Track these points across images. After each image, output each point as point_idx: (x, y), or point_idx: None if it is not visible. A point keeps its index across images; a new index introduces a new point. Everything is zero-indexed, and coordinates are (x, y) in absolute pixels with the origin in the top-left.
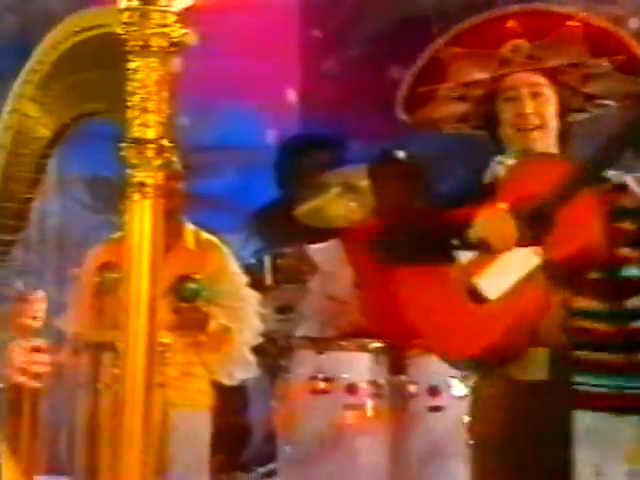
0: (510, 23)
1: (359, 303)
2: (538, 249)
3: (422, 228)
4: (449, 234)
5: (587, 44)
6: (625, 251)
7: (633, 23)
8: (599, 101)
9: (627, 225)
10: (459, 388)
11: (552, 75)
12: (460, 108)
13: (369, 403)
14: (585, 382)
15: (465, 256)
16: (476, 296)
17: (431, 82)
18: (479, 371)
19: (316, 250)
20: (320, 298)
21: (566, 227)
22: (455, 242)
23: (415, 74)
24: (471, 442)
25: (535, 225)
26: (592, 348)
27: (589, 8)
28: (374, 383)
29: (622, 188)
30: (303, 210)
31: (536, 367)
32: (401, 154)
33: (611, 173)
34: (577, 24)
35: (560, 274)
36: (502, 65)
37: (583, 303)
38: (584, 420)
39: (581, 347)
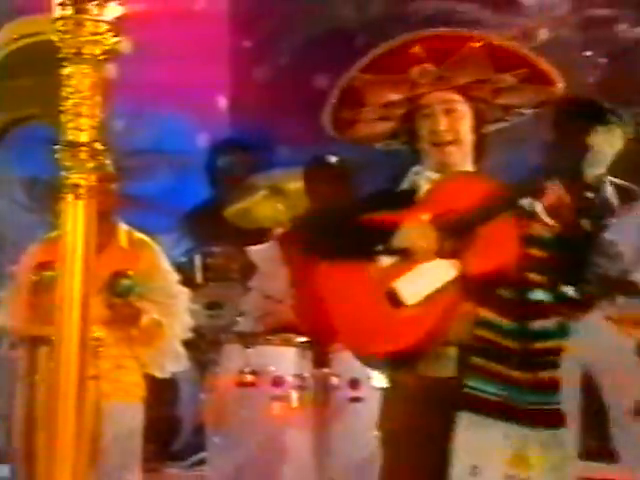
0: (415, 49)
1: (292, 301)
2: (456, 262)
3: (349, 226)
4: (373, 237)
5: (490, 61)
6: (533, 276)
7: (543, 34)
8: (514, 110)
9: (536, 252)
10: (379, 380)
11: (464, 91)
12: (386, 126)
13: (294, 395)
14: (476, 387)
15: (386, 260)
16: (394, 300)
17: (352, 107)
18: (390, 369)
19: (255, 251)
20: (258, 296)
21: (484, 245)
22: (379, 246)
23: (336, 101)
24: (378, 433)
25: (454, 238)
26: (490, 358)
27: (502, 21)
28: (299, 376)
29: (533, 216)
30: (232, 211)
31: (442, 365)
32: (333, 158)
33: (524, 201)
34: (478, 44)
35: (473, 288)
36: (413, 87)
37: (490, 316)
38: (469, 421)
39: (480, 354)
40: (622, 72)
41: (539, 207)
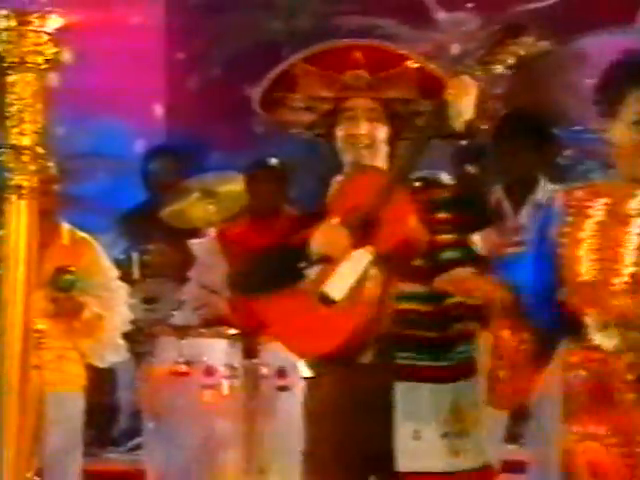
0: (356, 54)
1: (227, 294)
2: (369, 247)
3: (270, 263)
4: (294, 258)
5: (418, 85)
6: (443, 237)
7: (455, 48)
8: (426, 135)
9: (442, 214)
10: (305, 370)
11: (388, 105)
12: (309, 117)
13: (225, 384)
14: (407, 357)
15: (313, 271)
16: (325, 300)
17: (284, 90)
18: (328, 365)
19: (195, 244)
20: (195, 286)
21: (388, 224)
22: (301, 264)
23: (270, 80)
24: (304, 417)
25: (363, 230)
26: (412, 326)
27: (418, 36)
28: (230, 366)
29: (436, 183)
30: (167, 212)
31: (365, 350)
32: (274, 160)
33: (426, 172)
34: (414, 66)
35: (389, 264)
36: (344, 88)
37: (406, 287)
38: (406, 390)
39: (404, 326)
40: (525, 83)
41: (443, 174)
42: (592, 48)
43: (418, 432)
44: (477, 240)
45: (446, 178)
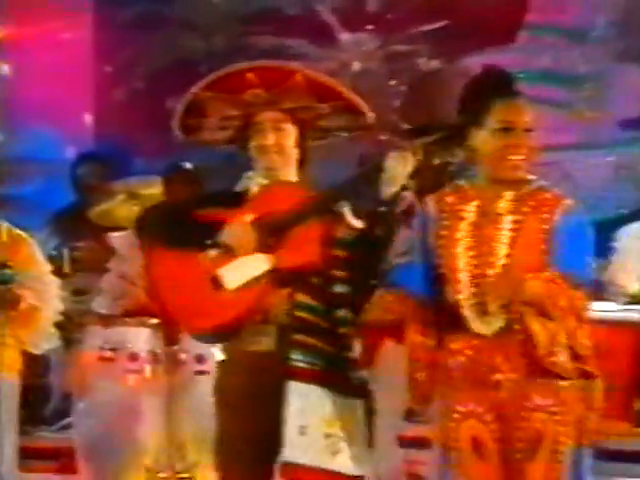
0: (249, 75)
1: (145, 284)
2: (271, 257)
3: (184, 220)
4: (204, 231)
5: (311, 92)
6: (336, 272)
7: (356, 66)
8: (331, 133)
9: (339, 252)
10: (221, 355)
11: (290, 114)
12: (225, 134)
13: (147, 368)
14: (298, 359)
15: (213, 251)
16: (217, 284)
17: (196, 117)
18: (215, 342)
19: (114, 237)
20: (114, 276)
21: (293, 244)
22: (208, 240)
23: (182, 110)
24: (215, 399)
25: (271, 238)
26: (307, 334)
27: (324, 55)
28: (152, 352)
29: (340, 219)
30: (95, 212)
31: (264, 340)
32: (188, 165)
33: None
34: (302, 78)
35: (284, 278)
36: (247, 106)
37: (305, 299)
38: (295, 388)
39: (299, 331)
40: (420, 99)
41: (346, 209)
42: (476, 66)
43: (304, 428)
44: None
45: (355, 223)
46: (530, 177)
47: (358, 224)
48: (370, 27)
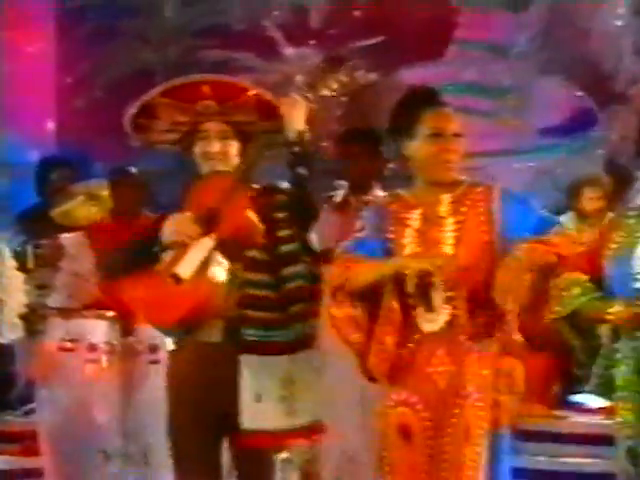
0: (204, 88)
1: (98, 281)
2: (212, 235)
3: (130, 251)
4: (150, 245)
5: (256, 110)
6: (281, 233)
7: (299, 79)
8: (272, 146)
9: (280, 214)
10: (172, 345)
11: (235, 126)
12: (170, 137)
13: (105, 358)
14: (251, 334)
15: (167, 255)
16: (176, 279)
17: (148, 118)
18: (177, 335)
19: (65, 238)
20: (66, 275)
21: (228, 216)
22: (156, 249)
23: (135, 110)
24: (166, 386)
25: (209, 221)
26: (257, 309)
27: (269, 68)
28: (109, 343)
29: (276, 189)
30: (57, 212)
31: (213, 333)
32: (133, 169)
33: (269, 181)
34: (252, 95)
35: (228, 250)
36: (197, 115)
37: (250, 276)
38: (250, 361)
39: (249, 308)
40: (358, 107)
41: (283, 183)
42: (410, 78)
43: (259, 396)
44: (312, 237)
45: (284, 185)
46: (462, 178)
47: (285, 186)
48: (312, 42)
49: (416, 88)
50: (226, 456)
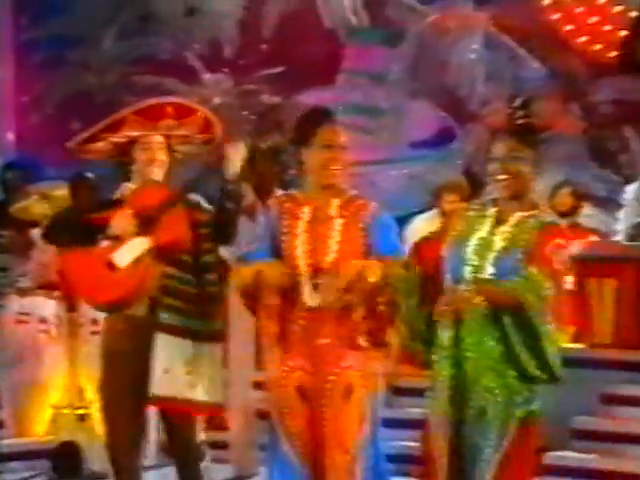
0: (167, 108)
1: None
2: (150, 238)
3: (80, 224)
4: (96, 230)
5: (200, 126)
6: (204, 245)
7: (216, 100)
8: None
9: (204, 231)
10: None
11: (167, 138)
12: (109, 148)
13: (53, 329)
14: (165, 317)
15: (106, 243)
16: (112, 266)
17: (109, 132)
18: (108, 312)
19: (35, 232)
20: (35, 263)
21: (165, 226)
22: (100, 236)
23: (99, 126)
24: (100, 353)
25: (148, 224)
26: (175, 298)
27: (191, 91)
28: (57, 317)
29: (202, 209)
30: (15, 209)
31: (140, 308)
32: (88, 174)
33: (192, 196)
34: (201, 115)
35: (160, 254)
36: (154, 130)
37: (173, 271)
38: (164, 340)
39: (169, 296)
40: (265, 124)
41: (199, 198)
42: (307, 100)
43: (168, 369)
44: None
45: (208, 207)
46: (346, 187)
47: (209, 207)
48: (226, 70)
49: (314, 108)
50: None
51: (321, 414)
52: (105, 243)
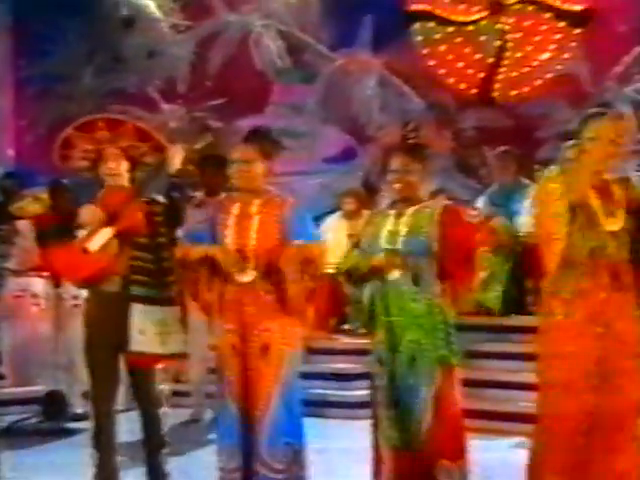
0: (100, 123)
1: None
2: (113, 226)
3: (59, 227)
4: (71, 226)
5: (135, 136)
6: (159, 229)
7: (172, 124)
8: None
9: (158, 218)
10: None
11: (124, 150)
12: (85, 163)
13: (43, 302)
14: (137, 290)
15: (81, 234)
16: (85, 250)
17: (67, 148)
18: (86, 287)
19: (19, 224)
20: (19, 248)
21: (126, 216)
22: (75, 231)
23: (59, 143)
24: (83, 322)
25: (112, 216)
26: (141, 275)
27: (150, 117)
28: (46, 292)
29: (157, 202)
30: (13, 208)
31: (113, 285)
32: (65, 181)
33: (157, 195)
34: (131, 127)
35: (124, 236)
36: (97, 143)
37: (138, 254)
38: (137, 308)
39: (137, 274)
40: (212, 148)
41: (156, 196)
42: (243, 126)
43: (143, 331)
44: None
45: (161, 199)
46: (268, 189)
47: (163, 201)
48: (180, 101)
49: (254, 129)
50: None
51: (247, 365)
52: (80, 232)
